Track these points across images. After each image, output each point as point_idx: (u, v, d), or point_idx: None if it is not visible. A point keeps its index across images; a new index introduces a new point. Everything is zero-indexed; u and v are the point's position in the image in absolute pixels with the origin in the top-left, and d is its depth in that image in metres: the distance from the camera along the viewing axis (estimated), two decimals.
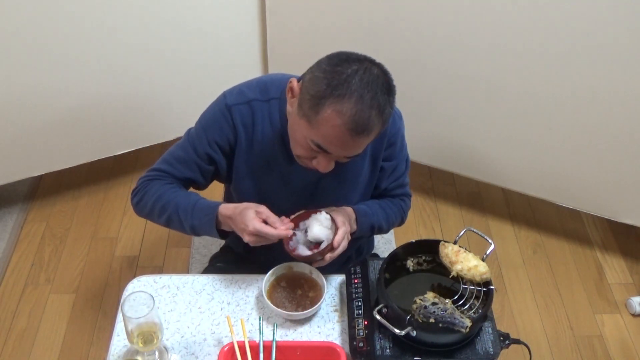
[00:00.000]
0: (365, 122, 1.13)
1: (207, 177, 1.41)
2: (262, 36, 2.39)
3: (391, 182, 1.49)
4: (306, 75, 1.20)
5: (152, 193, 1.37)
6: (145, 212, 1.40)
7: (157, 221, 1.39)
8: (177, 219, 1.35)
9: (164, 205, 1.35)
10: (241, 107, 1.33)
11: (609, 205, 2.28)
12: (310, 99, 1.15)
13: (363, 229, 1.42)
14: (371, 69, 1.15)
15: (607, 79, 1.93)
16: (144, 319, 1.15)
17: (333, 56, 1.18)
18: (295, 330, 1.32)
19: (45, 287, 2.24)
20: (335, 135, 1.15)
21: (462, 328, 1.16)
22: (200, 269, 1.68)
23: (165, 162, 1.40)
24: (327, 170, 1.25)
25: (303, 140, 1.21)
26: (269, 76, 1.41)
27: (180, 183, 1.40)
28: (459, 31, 2.04)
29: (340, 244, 1.28)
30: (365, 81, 1.13)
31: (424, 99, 2.28)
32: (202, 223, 1.33)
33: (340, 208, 1.39)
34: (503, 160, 2.34)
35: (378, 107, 1.14)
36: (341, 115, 1.12)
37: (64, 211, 2.54)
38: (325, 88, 1.13)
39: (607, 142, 2.08)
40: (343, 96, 1.12)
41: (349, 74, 1.13)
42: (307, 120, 1.17)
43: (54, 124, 2.22)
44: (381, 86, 1.15)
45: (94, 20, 2.04)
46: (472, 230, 1.35)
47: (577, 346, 2.14)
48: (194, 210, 1.33)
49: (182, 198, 1.35)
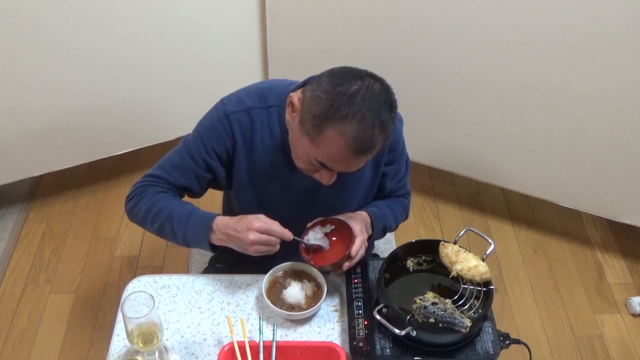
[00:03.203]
0: (368, 142, 1.13)
1: (202, 184, 1.39)
2: (262, 36, 2.39)
3: (394, 184, 1.51)
4: (307, 91, 1.19)
5: (146, 200, 1.35)
6: (138, 218, 1.38)
7: (150, 229, 1.37)
8: (170, 227, 1.33)
9: (157, 213, 1.33)
10: (240, 115, 1.32)
11: (609, 205, 2.28)
12: (312, 118, 1.15)
13: (378, 232, 1.44)
14: (373, 86, 1.14)
15: (607, 79, 1.93)
16: (144, 319, 1.15)
17: (334, 74, 1.16)
18: (295, 330, 1.32)
19: (45, 287, 2.24)
20: (338, 155, 1.15)
21: (462, 328, 1.16)
22: (200, 269, 1.68)
23: (161, 168, 1.39)
24: (330, 183, 1.26)
25: (305, 156, 1.21)
26: (268, 82, 1.39)
27: (176, 190, 1.39)
28: (459, 32, 2.04)
29: (358, 253, 1.29)
30: (367, 100, 1.12)
31: (424, 99, 2.28)
32: (196, 234, 1.31)
33: (356, 214, 1.39)
34: (503, 160, 2.34)
35: (381, 125, 1.14)
36: (344, 137, 1.12)
37: (64, 211, 2.54)
38: (328, 109, 1.12)
39: (607, 142, 2.08)
40: (346, 117, 1.11)
41: (350, 94, 1.12)
42: (310, 139, 1.17)
43: (54, 124, 2.22)
44: (383, 104, 1.14)
45: (94, 21, 2.04)
46: (472, 230, 1.35)
47: (577, 346, 2.14)
48: (189, 220, 1.31)
49: (177, 206, 1.33)
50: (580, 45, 1.89)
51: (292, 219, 1.32)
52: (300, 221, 1.35)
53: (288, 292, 1.33)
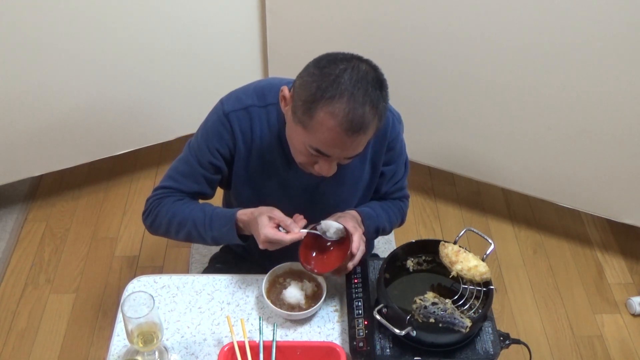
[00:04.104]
0: (360, 119, 1.12)
1: (213, 187, 1.41)
2: (262, 36, 2.39)
3: (391, 186, 1.50)
4: (296, 81, 1.19)
5: (164, 212, 1.36)
6: (161, 231, 1.39)
7: (176, 238, 1.39)
8: (197, 233, 1.35)
9: (180, 223, 1.35)
10: (239, 113, 1.32)
11: (609, 205, 2.28)
12: (302, 104, 1.15)
13: (369, 232, 1.42)
14: (359, 66, 1.14)
15: (607, 79, 1.93)
16: (144, 319, 1.15)
17: (320, 59, 1.17)
18: (295, 330, 1.32)
19: (45, 287, 2.24)
20: (332, 137, 1.14)
21: (462, 328, 1.16)
22: (200, 269, 1.68)
23: (170, 179, 1.39)
24: (330, 174, 1.25)
25: (302, 147, 1.21)
26: (267, 81, 1.39)
27: (189, 197, 1.40)
28: (459, 32, 2.04)
29: (359, 249, 1.28)
30: (354, 79, 1.12)
31: (424, 99, 2.28)
32: (222, 233, 1.33)
33: (345, 213, 1.38)
34: (503, 160, 2.34)
35: (371, 103, 1.13)
36: (335, 117, 1.12)
37: (64, 211, 2.54)
38: (316, 91, 1.12)
39: (607, 142, 2.08)
40: (334, 97, 1.11)
41: (337, 74, 1.12)
42: (303, 126, 1.16)
43: (54, 124, 2.22)
44: (372, 81, 1.14)
45: (94, 21, 2.04)
46: (472, 230, 1.35)
47: (577, 346, 2.14)
48: (212, 222, 1.33)
49: (197, 212, 1.35)
50: (580, 45, 1.89)
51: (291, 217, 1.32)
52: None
53: (288, 292, 1.33)
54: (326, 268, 1.31)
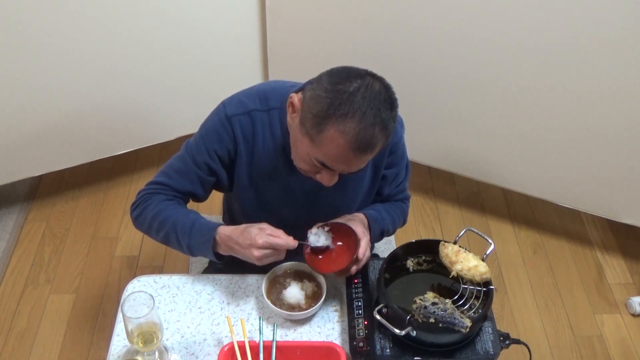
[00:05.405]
0: (368, 140, 1.13)
1: (207, 188, 1.40)
2: (262, 36, 2.39)
3: (393, 188, 1.50)
4: (307, 91, 1.18)
5: (151, 208, 1.35)
6: (144, 227, 1.38)
7: (155, 237, 1.38)
8: (175, 237, 1.33)
9: (162, 222, 1.33)
10: (241, 117, 1.31)
11: (609, 205, 2.28)
12: (312, 117, 1.14)
13: (375, 235, 1.42)
14: (373, 85, 1.13)
15: (607, 79, 1.93)
16: (144, 319, 1.15)
17: (334, 73, 1.16)
18: (295, 330, 1.32)
19: (45, 287, 2.24)
20: (339, 153, 1.15)
21: (462, 328, 1.16)
22: (200, 269, 1.68)
23: (164, 175, 1.39)
24: (331, 184, 1.25)
25: (306, 157, 1.21)
26: (269, 84, 1.38)
27: (180, 196, 1.39)
28: (459, 32, 2.04)
29: (365, 255, 1.29)
30: (367, 98, 1.11)
31: (424, 99, 2.28)
32: (199, 244, 1.31)
33: (354, 216, 1.39)
34: (503, 160, 2.34)
35: (381, 123, 1.13)
36: (344, 135, 1.12)
37: (64, 211, 2.54)
38: (328, 107, 1.12)
39: (607, 142, 2.08)
40: (346, 115, 1.11)
41: (350, 92, 1.11)
42: (310, 139, 1.16)
43: (54, 124, 2.22)
44: (383, 102, 1.13)
45: (94, 21, 2.04)
46: (472, 230, 1.35)
47: (577, 346, 2.14)
48: (192, 229, 1.31)
49: (181, 216, 1.33)
50: (580, 45, 1.89)
51: (293, 221, 1.32)
52: (300, 223, 1.34)
53: (288, 292, 1.33)
54: (330, 268, 1.31)
